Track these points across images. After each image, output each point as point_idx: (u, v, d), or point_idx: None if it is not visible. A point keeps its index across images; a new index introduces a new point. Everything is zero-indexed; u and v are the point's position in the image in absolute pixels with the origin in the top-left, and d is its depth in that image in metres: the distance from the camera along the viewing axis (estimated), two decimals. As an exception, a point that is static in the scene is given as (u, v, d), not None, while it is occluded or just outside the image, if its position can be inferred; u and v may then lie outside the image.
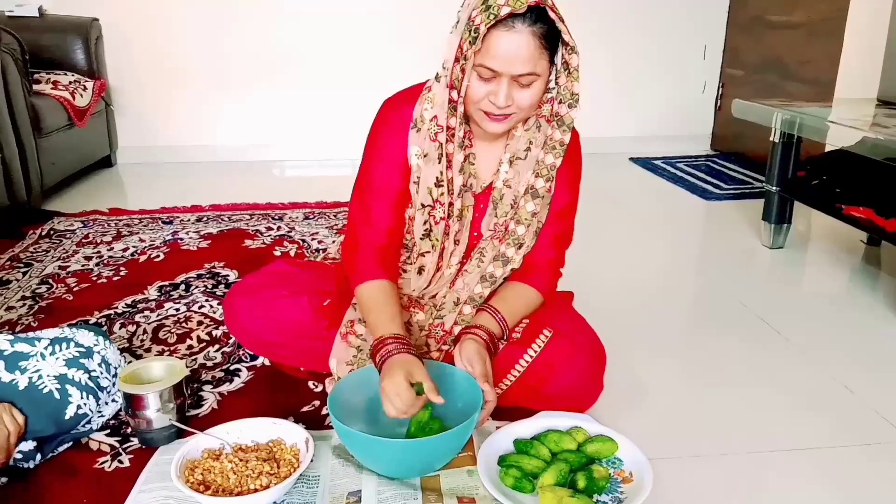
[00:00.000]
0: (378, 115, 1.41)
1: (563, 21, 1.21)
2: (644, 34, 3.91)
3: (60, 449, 1.28)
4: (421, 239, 1.40)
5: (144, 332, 1.77)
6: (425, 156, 1.33)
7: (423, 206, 1.36)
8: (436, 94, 1.30)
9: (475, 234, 1.43)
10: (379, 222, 1.39)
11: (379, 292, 1.36)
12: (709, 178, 3.48)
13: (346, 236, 1.48)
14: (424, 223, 1.38)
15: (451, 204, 1.36)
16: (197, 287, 2.04)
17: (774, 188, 2.45)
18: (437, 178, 1.33)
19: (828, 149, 2.49)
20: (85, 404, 1.27)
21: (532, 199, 1.38)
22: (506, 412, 1.36)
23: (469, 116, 1.31)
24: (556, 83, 1.32)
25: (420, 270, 1.43)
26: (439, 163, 1.32)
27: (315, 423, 1.38)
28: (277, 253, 2.35)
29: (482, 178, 1.41)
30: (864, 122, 2.32)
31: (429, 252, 1.41)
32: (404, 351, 1.24)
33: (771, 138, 2.42)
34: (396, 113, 1.37)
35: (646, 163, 3.80)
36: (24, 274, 2.14)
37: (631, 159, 3.88)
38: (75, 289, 2.03)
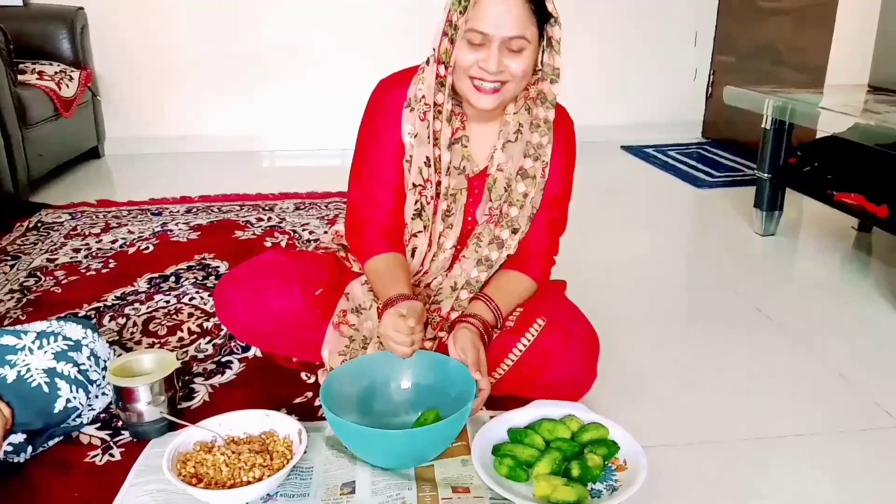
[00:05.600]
0: (372, 97, 1.42)
1: None
2: (634, 21, 3.90)
3: (51, 443, 1.27)
4: (412, 219, 1.41)
5: (134, 324, 1.75)
6: (416, 136, 1.35)
7: (413, 185, 1.38)
8: (426, 75, 1.32)
9: (469, 219, 1.42)
10: (382, 204, 1.41)
11: (385, 263, 1.39)
12: (700, 166, 3.48)
13: (349, 220, 1.50)
14: (416, 203, 1.39)
15: (439, 183, 1.37)
16: (187, 279, 2.02)
17: (766, 175, 2.45)
18: (426, 156, 1.35)
19: (819, 135, 2.49)
20: (74, 398, 1.26)
21: (522, 180, 1.39)
22: (500, 401, 1.36)
23: (461, 94, 1.32)
24: (542, 63, 1.33)
25: (413, 252, 1.43)
26: (429, 142, 1.33)
27: (308, 414, 1.37)
28: (268, 244, 2.34)
29: (476, 162, 1.42)
30: (855, 108, 2.32)
31: (421, 232, 1.42)
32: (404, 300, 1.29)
33: (762, 125, 2.42)
34: (390, 95, 1.38)
35: (637, 151, 3.79)
36: (12, 267, 2.12)
37: (622, 147, 3.87)
38: (64, 281, 2.01)
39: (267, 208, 2.70)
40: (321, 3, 3.63)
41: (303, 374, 1.51)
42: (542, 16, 1.26)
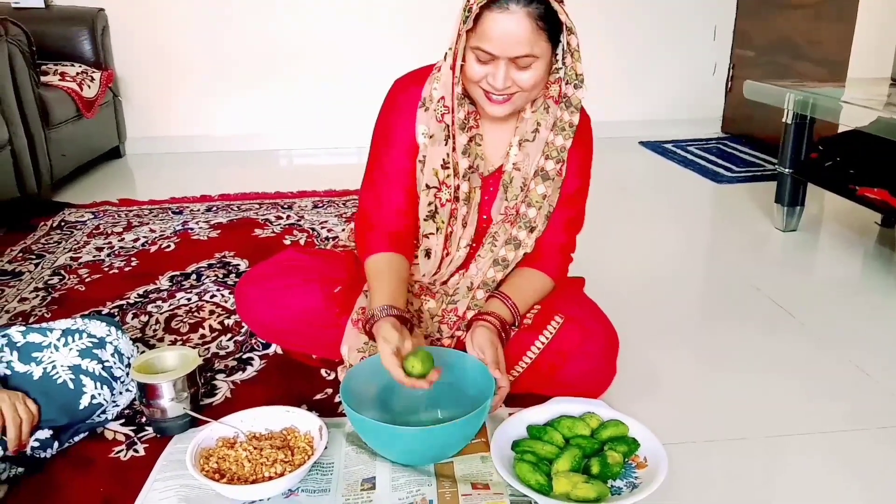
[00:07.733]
0: (388, 96, 1.41)
1: (559, 1, 1.20)
2: (653, 16, 3.87)
3: (77, 439, 1.29)
4: (425, 220, 1.40)
5: (157, 321, 1.78)
6: (431, 136, 1.33)
7: (427, 187, 1.37)
8: (441, 75, 1.31)
9: (484, 217, 1.42)
10: (390, 205, 1.39)
11: (381, 263, 1.36)
12: (720, 161, 3.45)
13: (358, 221, 1.47)
14: (429, 204, 1.38)
15: (457, 187, 1.36)
16: (208, 276, 2.04)
17: (787, 170, 2.43)
18: (443, 159, 1.33)
19: (841, 129, 2.46)
20: (99, 394, 1.28)
21: (542, 182, 1.38)
22: (518, 398, 1.36)
23: (473, 100, 1.31)
24: (563, 63, 1.31)
25: (427, 254, 1.43)
26: (445, 144, 1.32)
27: (328, 410, 1.38)
28: (287, 242, 2.35)
29: (490, 161, 1.41)
30: (877, 101, 2.29)
31: (433, 234, 1.41)
32: (381, 318, 1.25)
33: (783, 120, 2.39)
34: (405, 94, 1.37)
35: (656, 146, 3.77)
36: (37, 265, 2.15)
37: (641, 143, 3.85)
38: (87, 280, 2.04)
39: (286, 206, 2.72)
40: (338, 2, 3.64)
41: (323, 371, 1.52)
42: (552, 25, 1.21)
